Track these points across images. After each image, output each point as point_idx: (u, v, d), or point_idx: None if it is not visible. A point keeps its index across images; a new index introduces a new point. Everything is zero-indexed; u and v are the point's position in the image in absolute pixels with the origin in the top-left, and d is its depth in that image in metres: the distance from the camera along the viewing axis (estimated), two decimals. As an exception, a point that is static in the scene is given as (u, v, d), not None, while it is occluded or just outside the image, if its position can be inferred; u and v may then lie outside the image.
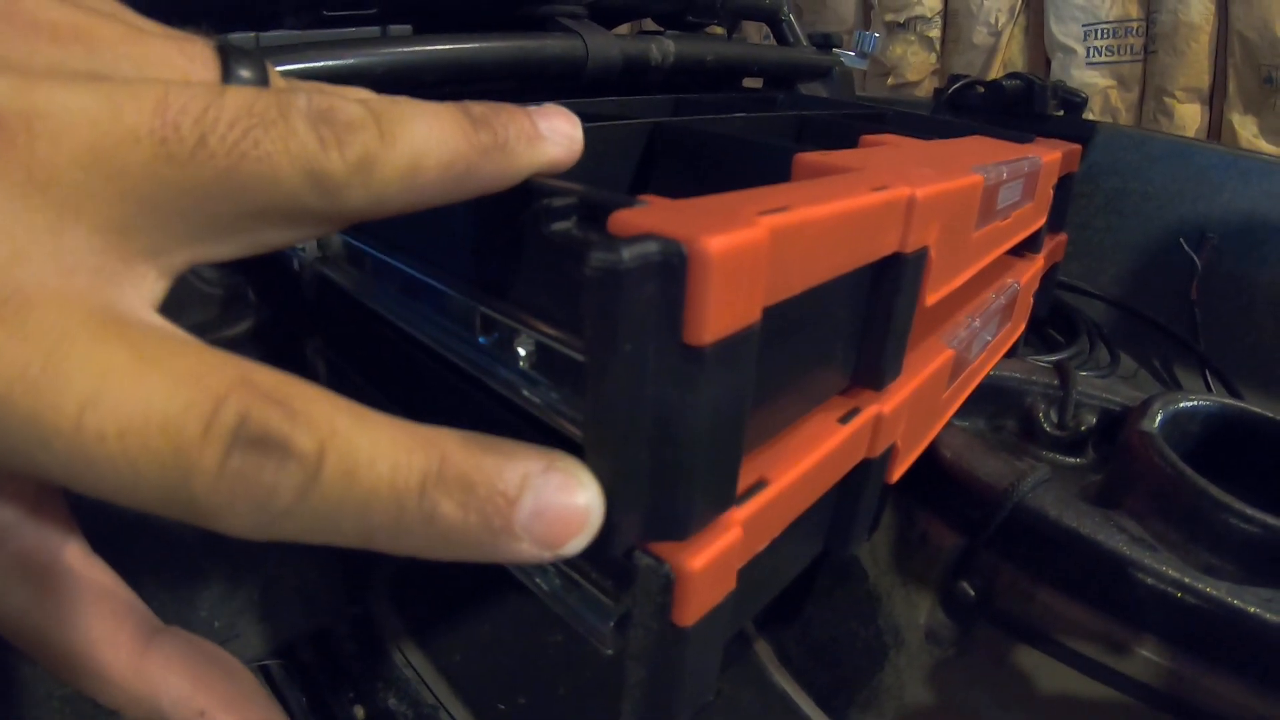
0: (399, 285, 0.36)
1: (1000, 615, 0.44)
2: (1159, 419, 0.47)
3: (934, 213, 0.32)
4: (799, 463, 0.30)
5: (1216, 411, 0.49)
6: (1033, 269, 0.52)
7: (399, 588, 0.53)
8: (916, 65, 1.86)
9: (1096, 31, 1.42)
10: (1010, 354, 0.56)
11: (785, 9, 0.78)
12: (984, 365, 0.49)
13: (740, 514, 0.26)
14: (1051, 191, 0.53)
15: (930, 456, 0.46)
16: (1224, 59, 1.36)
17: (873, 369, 0.34)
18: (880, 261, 0.31)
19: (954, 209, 0.35)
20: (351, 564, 0.52)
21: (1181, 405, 0.48)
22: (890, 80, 1.95)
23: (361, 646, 0.50)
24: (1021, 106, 0.73)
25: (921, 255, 0.32)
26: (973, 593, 0.44)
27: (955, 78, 0.78)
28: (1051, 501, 0.42)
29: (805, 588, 0.50)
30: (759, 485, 0.27)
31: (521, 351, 0.28)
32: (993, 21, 1.65)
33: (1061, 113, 0.73)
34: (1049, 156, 0.49)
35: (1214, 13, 1.34)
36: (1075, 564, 0.42)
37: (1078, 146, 0.57)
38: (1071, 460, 0.52)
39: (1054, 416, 0.51)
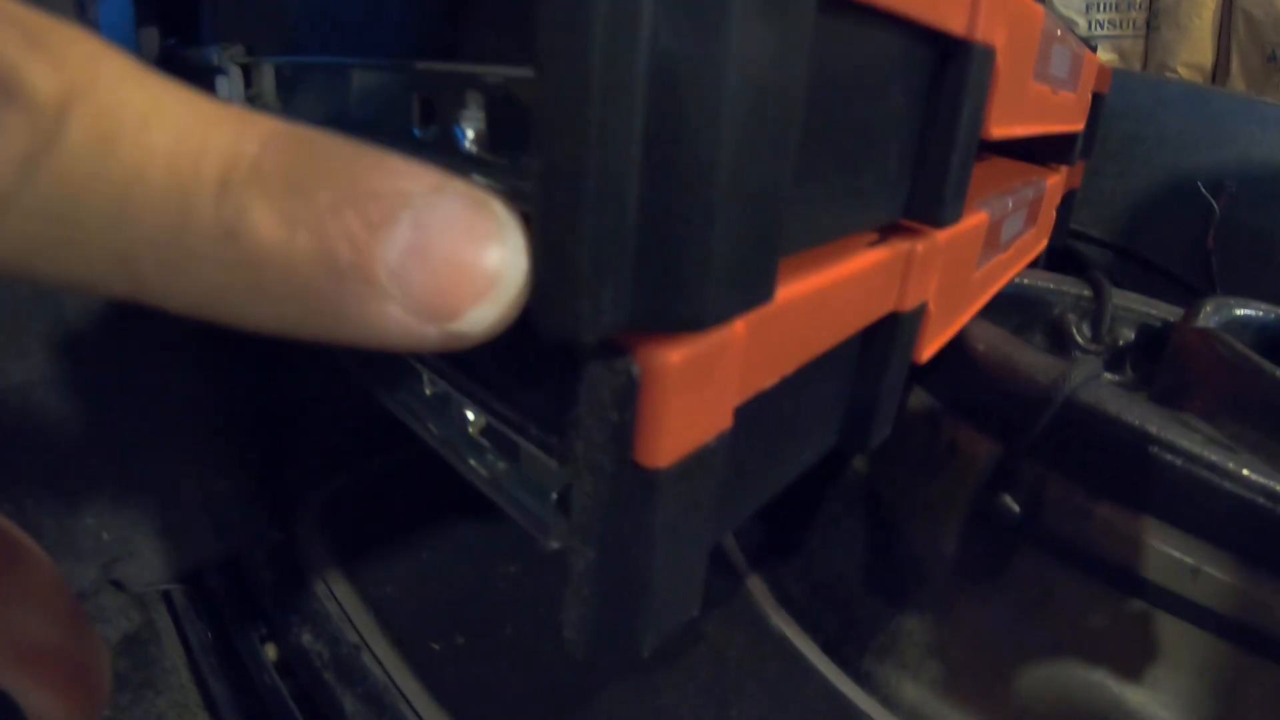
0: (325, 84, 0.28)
1: (1047, 537, 0.35)
2: (1213, 321, 0.39)
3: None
4: (819, 273, 0.21)
5: (1272, 323, 0.41)
6: (1059, 177, 0.45)
7: (330, 512, 0.43)
8: None
9: (1099, 4, 1.40)
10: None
11: None
12: (1011, 263, 0.41)
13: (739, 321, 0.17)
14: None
15: (959, 351, 0.37)
16: (1227, 37, 1.33)
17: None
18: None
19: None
20: (273, 482, 0.42)
21: (1236, 313, 0.40)
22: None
23: (279, 576, 0.40)
24: None
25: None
26: (1017, 508, 0.35)
27: None
28: (1109, 396, 0.34)
29: (806, 516, 0.41)
30: None
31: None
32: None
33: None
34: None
35: (1219, -12, 1.31)
36: (1140, 470, 0.33)
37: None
38: (1109, 378, 0.43)
39: (1087, 330, 0.43)
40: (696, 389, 0.16)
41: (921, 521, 0.38)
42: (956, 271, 0.32)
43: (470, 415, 0.25)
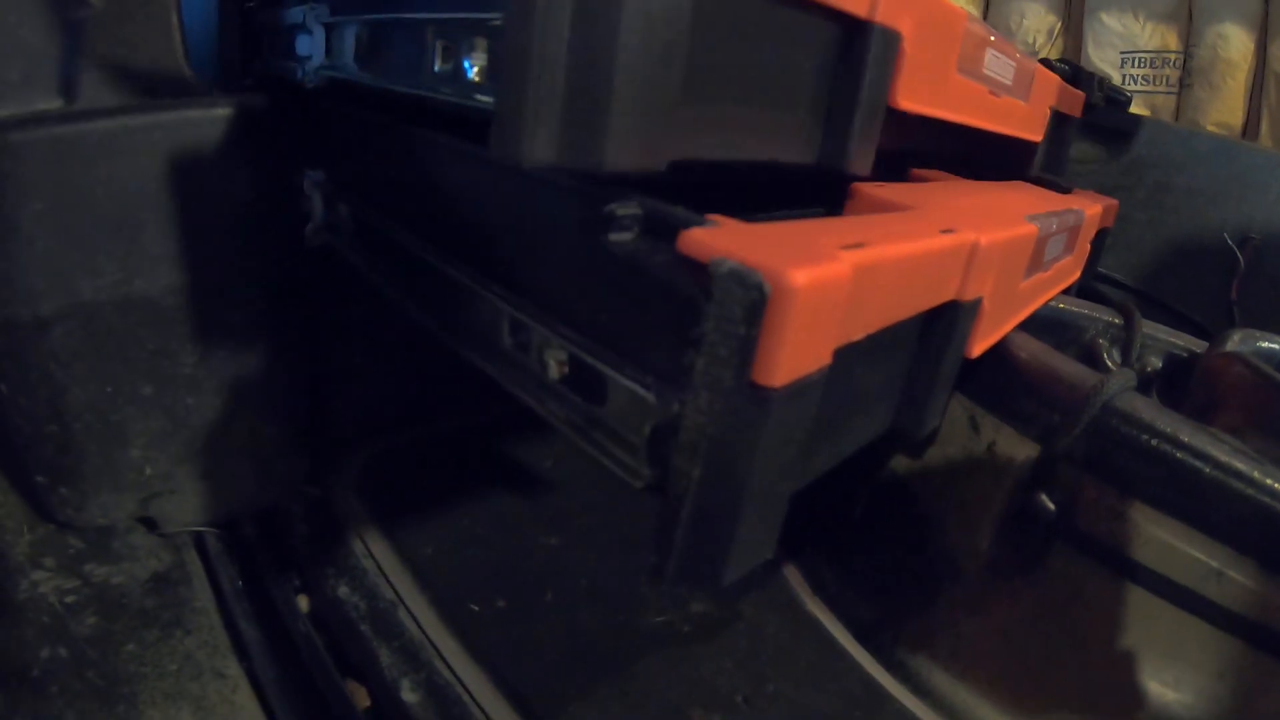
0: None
1: (1079, 537, 0.40)
2: (1240, 350, 0.45)
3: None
4: (900, 243, 0.27)
5: (1295, 359, 0.47)
6: (1097, 209, 0.52)
7: (370, 474, 0.47)
8: None
9: (1134, 60, 1.51)
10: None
11: None
12: (1051, 284, 0.48)
13: (849, 257, 0.22)
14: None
15: (1002, 357, 0.43)
16: (1259, 98, 1.45)
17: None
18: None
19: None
20: (314, 440, 0.46)
21: (1261, 345, 0.47)
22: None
23: (315, 530, 0.44)
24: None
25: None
26: (1053, 506, 0.40)
27: None
28: (1143, 405, 0.40)
29: (842, 509, 0.46)
30: (858, 245, 0.25)
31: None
32: (1030, 41, 1.74)
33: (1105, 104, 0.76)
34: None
35: (1253, 51, 1.43)
36: (1170, 476, 0.38)
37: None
38: (1139, 402, 0.49)
39: (1116, 355, 0.49)
40: (813, 316, 0.21)
41: (957, 519, 0.43)
42: (1007, 276, 0.38)
43: (551, 361, 0.30)
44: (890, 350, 0.34)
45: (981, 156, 0.54)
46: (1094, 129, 0.74)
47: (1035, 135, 0.55)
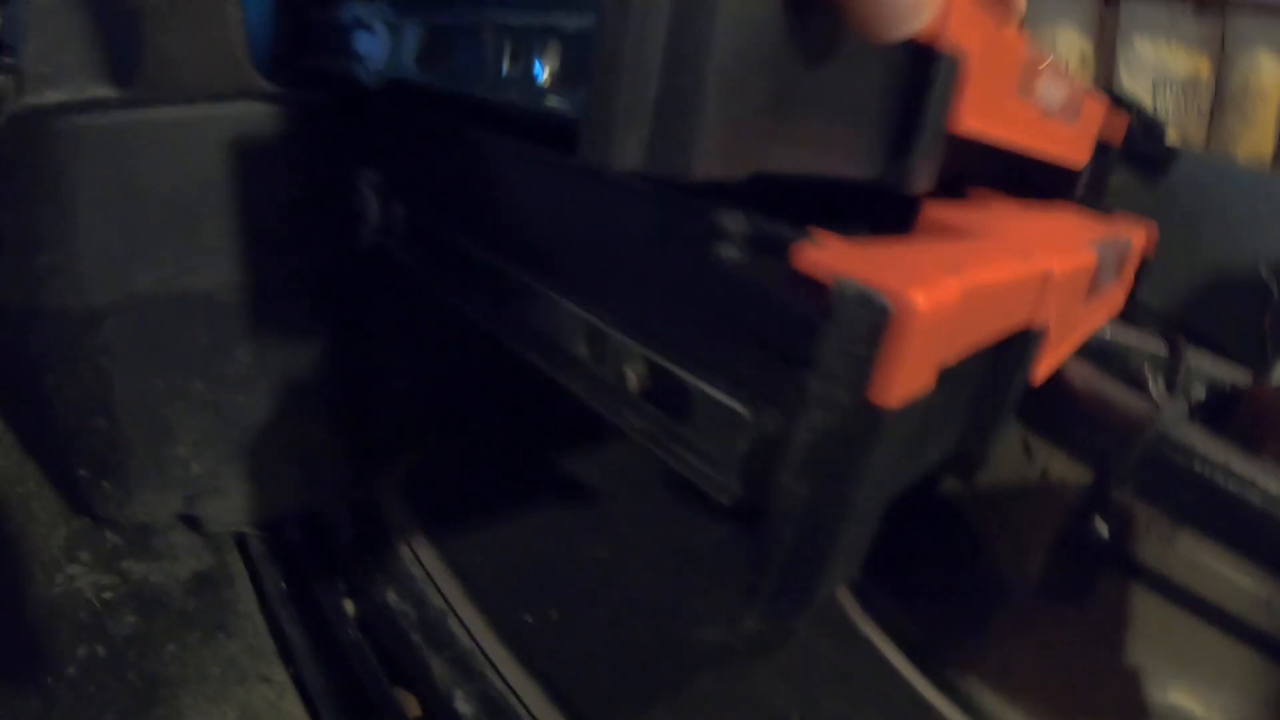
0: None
1: (1131, 563, 0.42)
2: (1287, 384, 0.47)
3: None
4: (988, 266, 0.28)
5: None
6: (1143, 233, 0.54)
7: (417, 481, 0.47)
8: None
9: (1166, 87, 1.55)
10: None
11: None
12: (1102, 310, 0.49)
13: (954, 281, 0.23)
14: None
15: (1056, 384, 0.44)
16: None
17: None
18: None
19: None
20: (360, 443, 0.46)
21: (1305, 379, 0.49)
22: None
23: (362, 536, 0.44)
24: None
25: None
26: (1105, 532, 0.41)
27: None
28: (1196, 434, 0.41)
29: (893, 530, 0.47)
30: (955, 270, 0.26)
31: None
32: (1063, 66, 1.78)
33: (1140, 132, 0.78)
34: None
35: (1286, 82, 1.46)
36: (1222, 504, 0.40)
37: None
38: (1183, 431, 0.51)
39: (1161, 384, 0.51)
40: (928, 339, 0.22)
41: (1008, 543, 0.44)
42: (1069, 303, 0.40)
43: (630, 374, 0.31)
44: (967, 374, 0.35)
45: (1030, 178, 0.56)
46: (1129, 156, 0.76)
47: (1082, 158, 0.57)
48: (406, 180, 0.45)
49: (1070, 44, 1.72)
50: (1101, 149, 0.62)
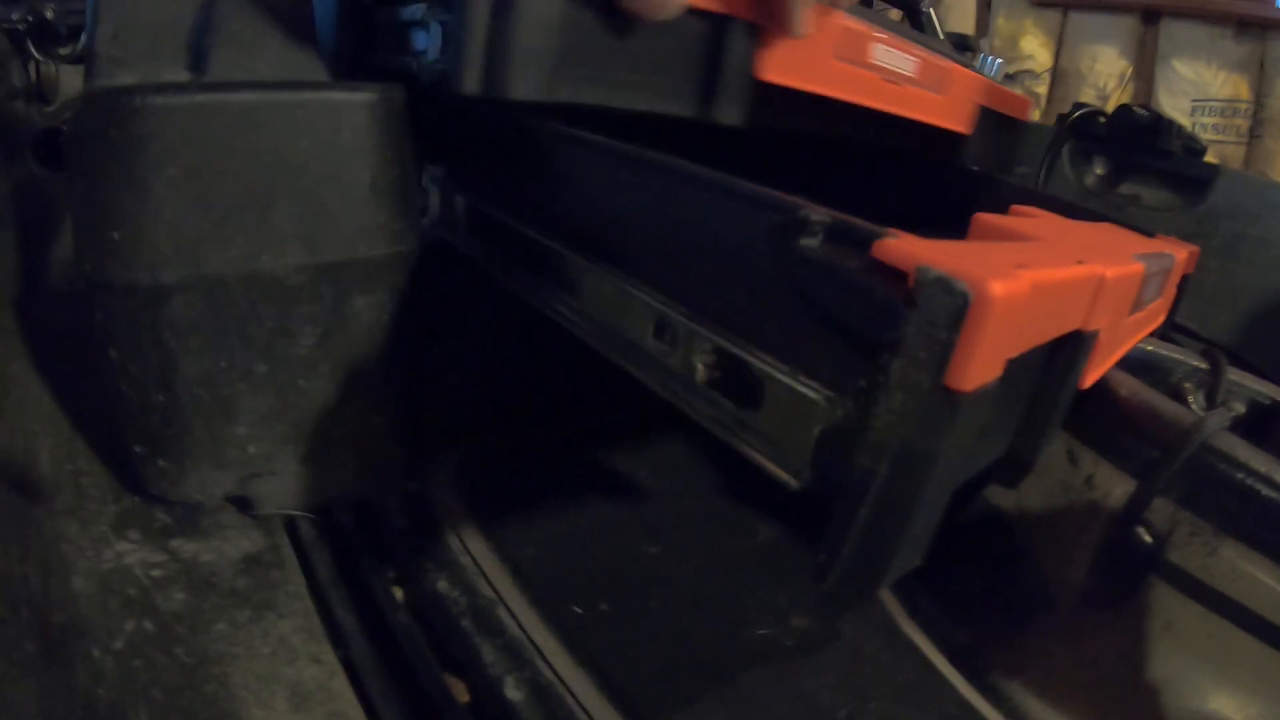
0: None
1: (1174, 572, 0.43)
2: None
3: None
4: (1050, 265, 0.30)
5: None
6: (1184, 252, 0.56)
7: (469, 471, 0.49)
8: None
9: (1205, 108, 1.58)
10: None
11: (926, 0, 0.86)
12: (1144, 323, 0.51)
13: (1025, 275, 0.25)
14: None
15: (1102, 393, 0.46)
16: None
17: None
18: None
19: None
20: (419, 431, 0.48)
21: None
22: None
23: (413, 524, 0.45)
24: (1144, 139, 0.80)
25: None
26: (1149, 540, 0.43)
27: (1079, 105, 0.85)
28: (1239, 444, 0.43)
29: (937, 535, 0.48)
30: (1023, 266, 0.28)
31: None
32: (1101, 85, 1.80)
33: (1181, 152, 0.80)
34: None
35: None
36: (1267, 514, 0.41)
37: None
38: (1223, 446, 0.52)
39: (1202, 400, 0.53)
40: (1003, 326, 0.24)
41: (1052, 550, 0.46)
42: (1118, 310, 0.42)
43: (699, 363, 0.32)
44: (1027, 371, 0.36)
45: (904, 136, 0.66)
46: (1171, 177, 0.78)
47: (957, 125, 0.69)
48: (469, 173, 0.47)
49: (1110, 63, 1.76)
50: (1000, 121, 0.74)
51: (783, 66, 0.48)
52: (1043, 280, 0.28)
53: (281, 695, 0.40)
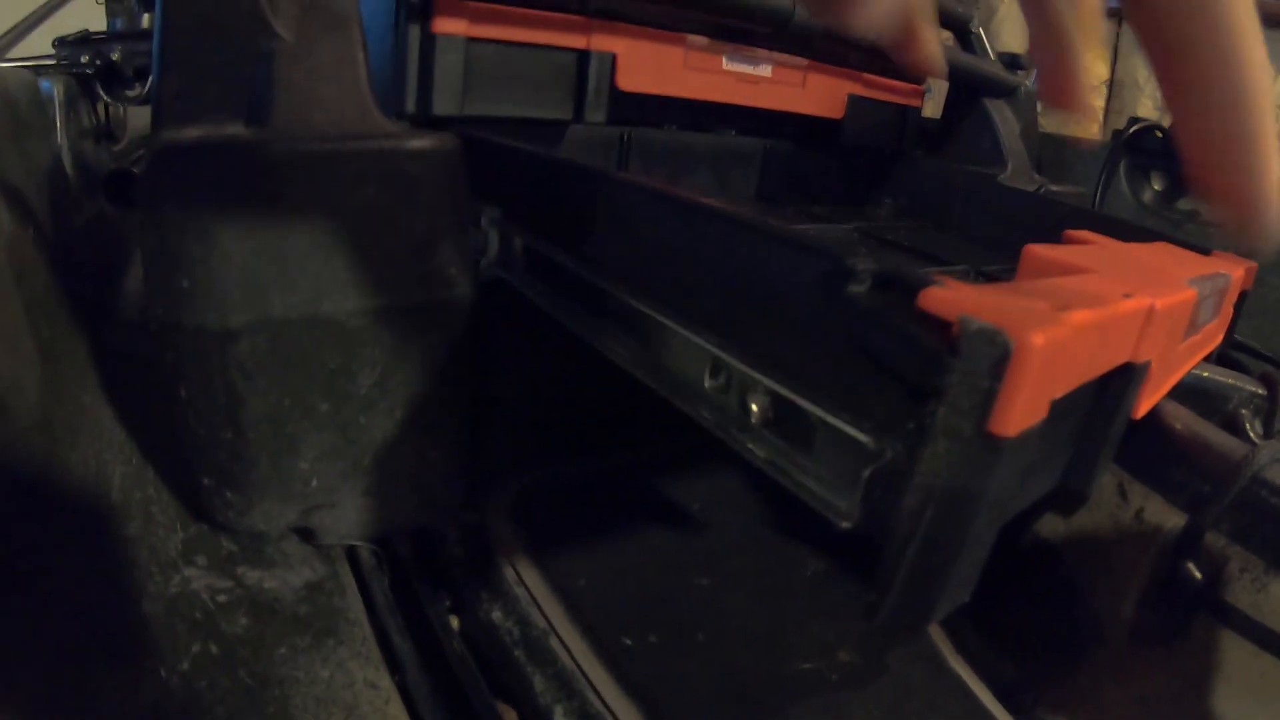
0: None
1: (1224, 609, 0.43)
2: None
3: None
4: (1096, 303, 0.30)
5: None
6: (1240, 270, 0.55)
7: (524, 504, 0.51)
8: (1077, 133, 1.97)
9: None
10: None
11: (975, 20, 0.86)
12: (1199, 348, 0.51)
13: (1067, 319, 0.26)
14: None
15: (1154, 426, 0.46)
16: None
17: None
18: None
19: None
20: (477, 465, 0.50)
21: None
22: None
23: (469, 554, 0.48)
24: None
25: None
26: (1199, 575, 0.43)
27: (1134, 120, 0.85)
28: (1295, 481, 0.43)
29: (984, 569, 0.49)
30: (1067, 308, 0.28)
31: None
32: (1159, 96, 1.77)
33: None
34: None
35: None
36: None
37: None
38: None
39: (1259, 426, 0.52)
40: (1043, 373, 0.25)
41: (1101, 585, 0.46)
42: (1170, 339, 0.42)
43: (754, 406, 0.34)
44: (1073, 408, 0.37)
45: (777, 126, 0.83)
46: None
47: (827, 113, 0.84)
48: (526, 215, 0.49)
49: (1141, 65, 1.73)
50: (884, 106, 0.87)
51: (638, 79, 0.69)
52: (1087, 320, 0.28)
53: (339, 718, 0.42)
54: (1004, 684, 0.45)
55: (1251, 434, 0.53)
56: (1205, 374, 0.54)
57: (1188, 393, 0.54)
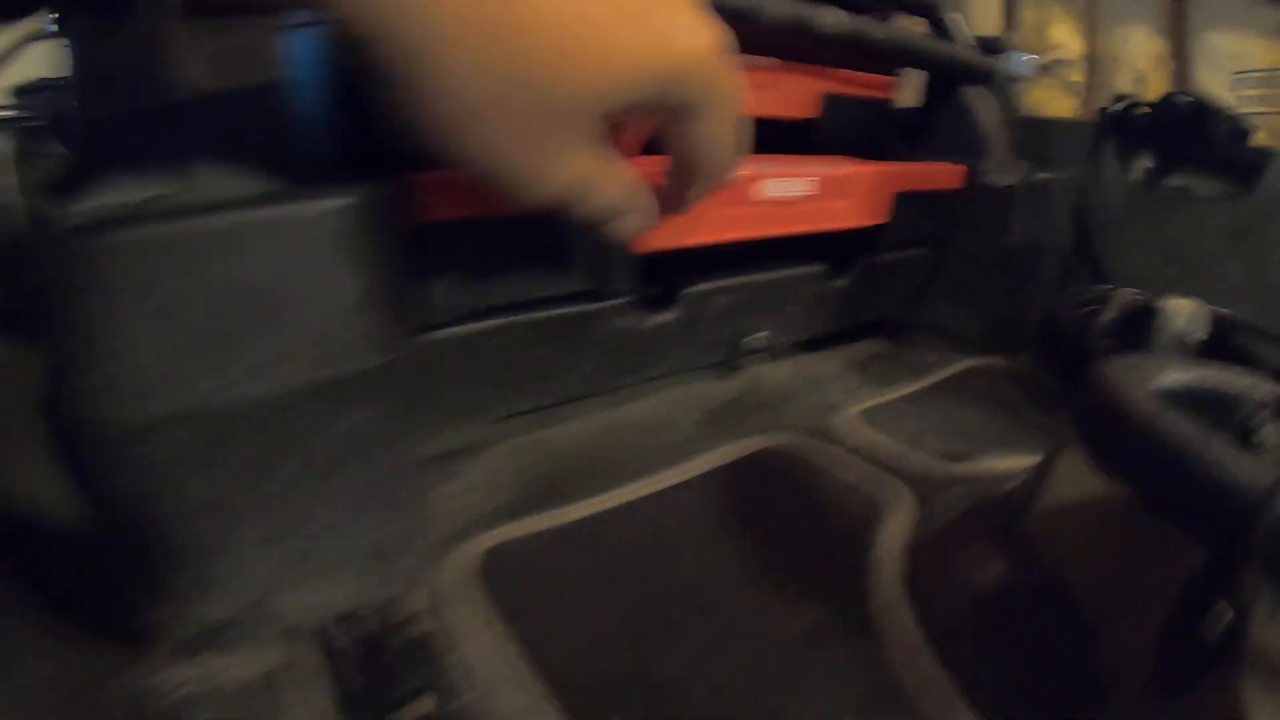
0: None
1: (1251, 650, 0.38)
2: None
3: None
4: None
5: None
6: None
7: (492, 567, 0.46)
8: (1057, 111, 1.89)
9: (1247, 80, 1.47)
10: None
11: (942, 5, 0.80)
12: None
13: None
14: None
15: (1164, 449, 0.41)
16: None
17: None
18: None
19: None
20: (438, 529, 0.45)
21: None
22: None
23: (437, 628, 0.43)
24: (1190, 128, 0.73)
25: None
26: (1225, 616, 0.38)
27: (1120, 96, 0.78)
28: (1326, 508, 0.37)
29: (994, 611, 0.44)
30: None
31: None
32: (1137, 67, 1.70)
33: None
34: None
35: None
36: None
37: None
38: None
39: (1276, 434, 0.47)
40: None
41: (1121, 625, 0.41)
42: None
43: None
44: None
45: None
46: (1220, 165, 0.71)
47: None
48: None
49: (1143, 44, 1.64)
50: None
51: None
52: None
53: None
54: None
55: (1269, 443, 0.47)
56: (1218, 379, 0.49)
57: (1197, 398, 0.48)
